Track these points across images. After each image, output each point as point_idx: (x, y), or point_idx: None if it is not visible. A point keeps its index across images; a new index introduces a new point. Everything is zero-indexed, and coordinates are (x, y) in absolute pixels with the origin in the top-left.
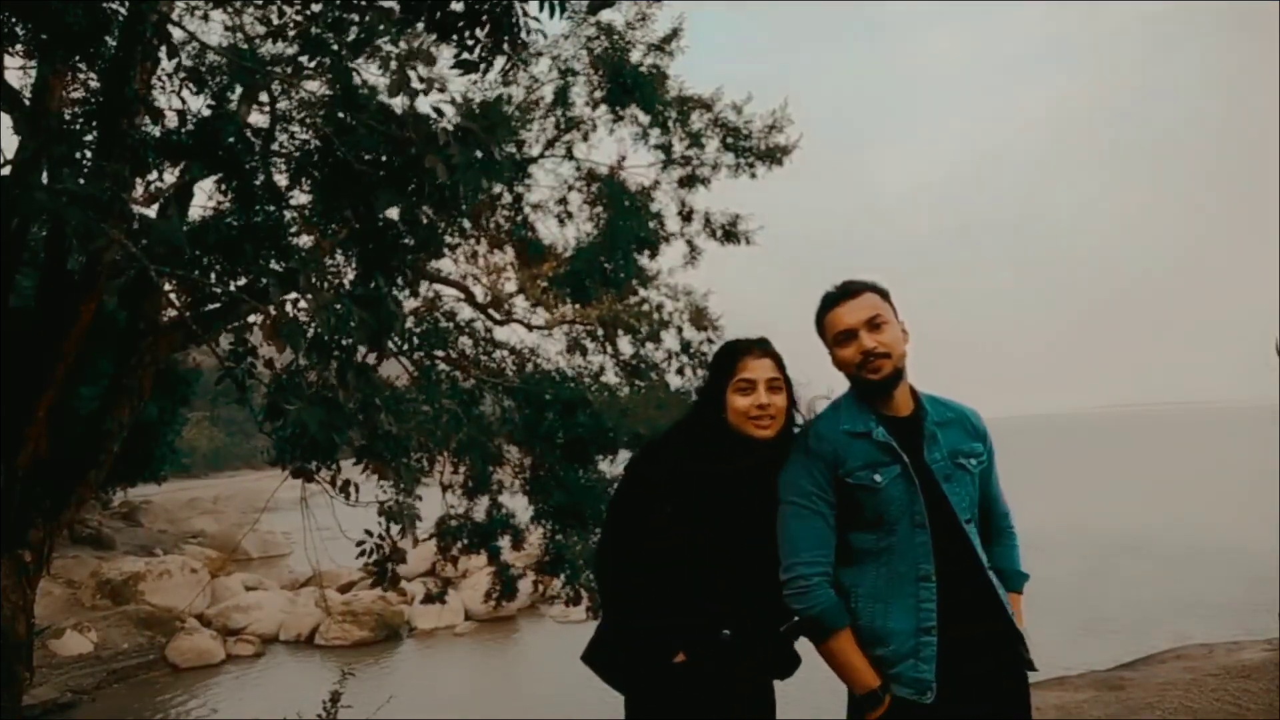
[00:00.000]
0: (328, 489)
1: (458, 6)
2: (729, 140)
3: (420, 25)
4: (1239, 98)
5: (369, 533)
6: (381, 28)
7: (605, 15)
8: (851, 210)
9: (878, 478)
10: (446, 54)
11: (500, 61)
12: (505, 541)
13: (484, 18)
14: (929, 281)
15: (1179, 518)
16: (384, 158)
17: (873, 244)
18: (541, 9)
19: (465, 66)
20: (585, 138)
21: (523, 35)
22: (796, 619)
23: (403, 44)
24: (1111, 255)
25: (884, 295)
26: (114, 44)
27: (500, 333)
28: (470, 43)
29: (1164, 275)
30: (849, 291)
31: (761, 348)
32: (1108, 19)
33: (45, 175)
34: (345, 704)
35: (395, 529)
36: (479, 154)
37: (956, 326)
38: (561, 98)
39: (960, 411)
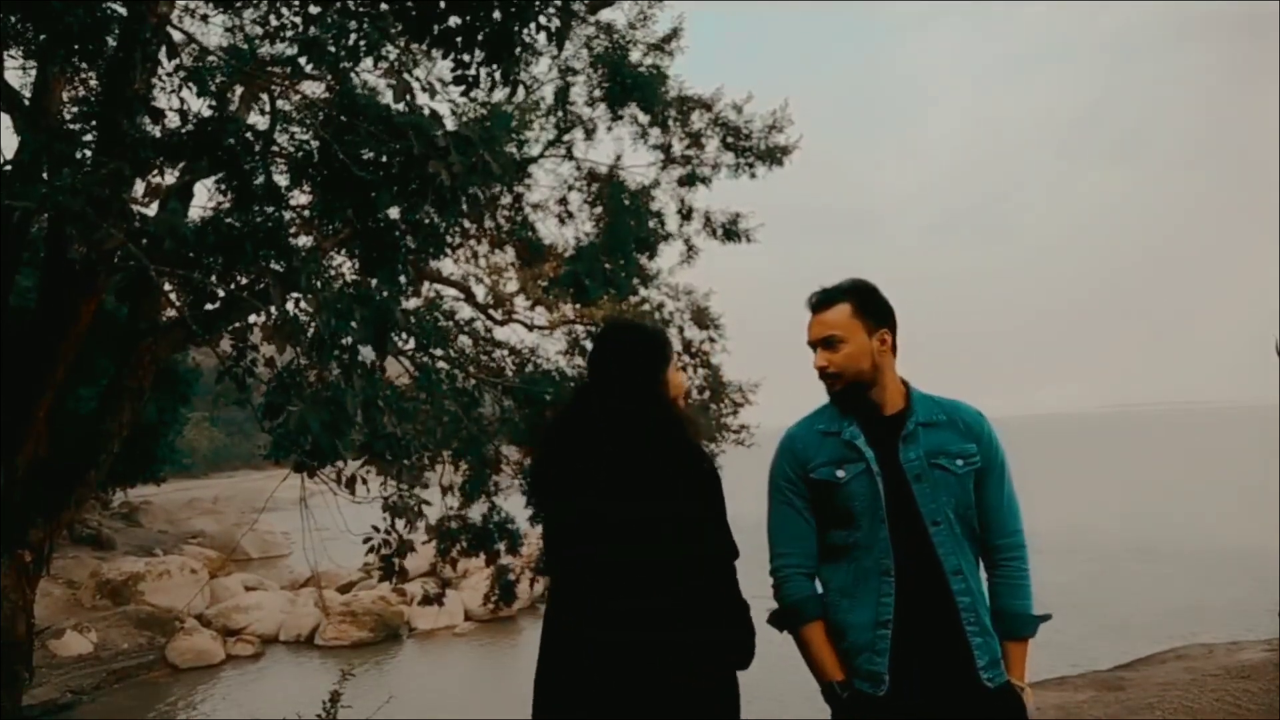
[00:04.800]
0: (331, 486)
1: (455, 22)
2: (729, 140)
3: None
4: (1240, 97)
5: (376, 528)
6: (380, 39)
7: (605, 14)
8: (848, 208)
9: (840, 474)
10: (445, 59)
11: (497, 76)
12: (501, 546)
13: (480, 37)
14: (926, 280)
15: (1180, 519)
16: (384, 160)
17: (869, 242)
18: (537, 33)
19: (463, 82)
20: (588, 136)
21: (518, 55)
22: (774, 609)
23: (401, 46)
24: (1112, 254)
25: (861, 301)
26: (114, 44)
27: (500, 332)
28: (466, 58)
29: (1165, 275)
30: (820, 302)
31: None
32: (1106, 19)
33: (45, 174)
34: (345, 704)
35: (401, 523)
36: (478, 158)
37: (955, 325)
38: (561, 97)
39: (957, 413)
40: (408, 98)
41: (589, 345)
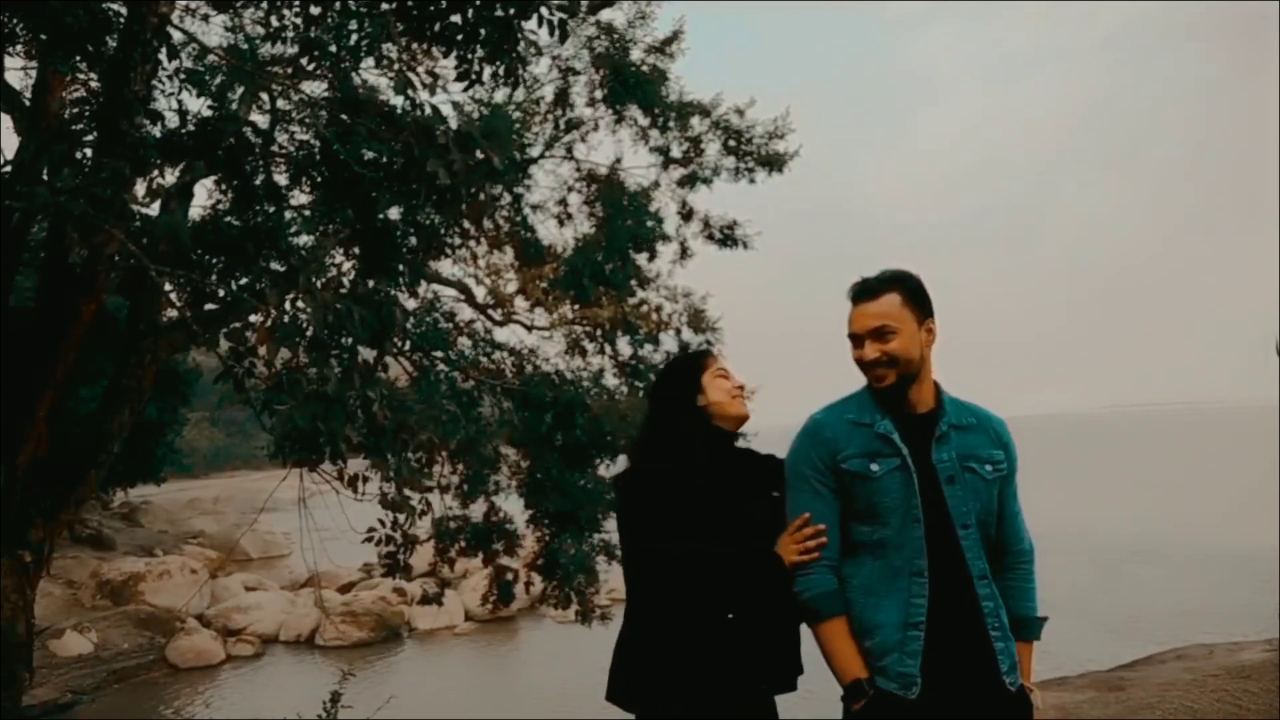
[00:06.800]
0: (333, 484)
1: (456, 19)
2: (730, 144)
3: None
4: (1240, 97)
5: (382, 522)
6: (381, 37)
7: (605, 14)
8: (845, 209)
9: (874, 467)
10: (447, 57)
11: (500, 72)
12: (499, 546)
13: (482, 33)
14: (925, 282)
15: (1181, 520)
16: (384, 159)
17: (868, 245)
18: (540, 25)
19: (466, 79)
20: (584, 138)
21: (520, 50)
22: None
23: (402, 45)
24: (1112, 254)
25: (910, 292)
26: (114, 44)
27: (500, 333)
28: (469, 55)
29: (1166, 275)
30: (869, 291)
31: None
32: (1104, 19)
33: (45, 175)
34: (345, 704)
35: (402, 519)
36: (480, 155)
37: (954, 327)
38: (562, 98)
39: (985, 418)
40: (409, 93)
41: (587, 346)
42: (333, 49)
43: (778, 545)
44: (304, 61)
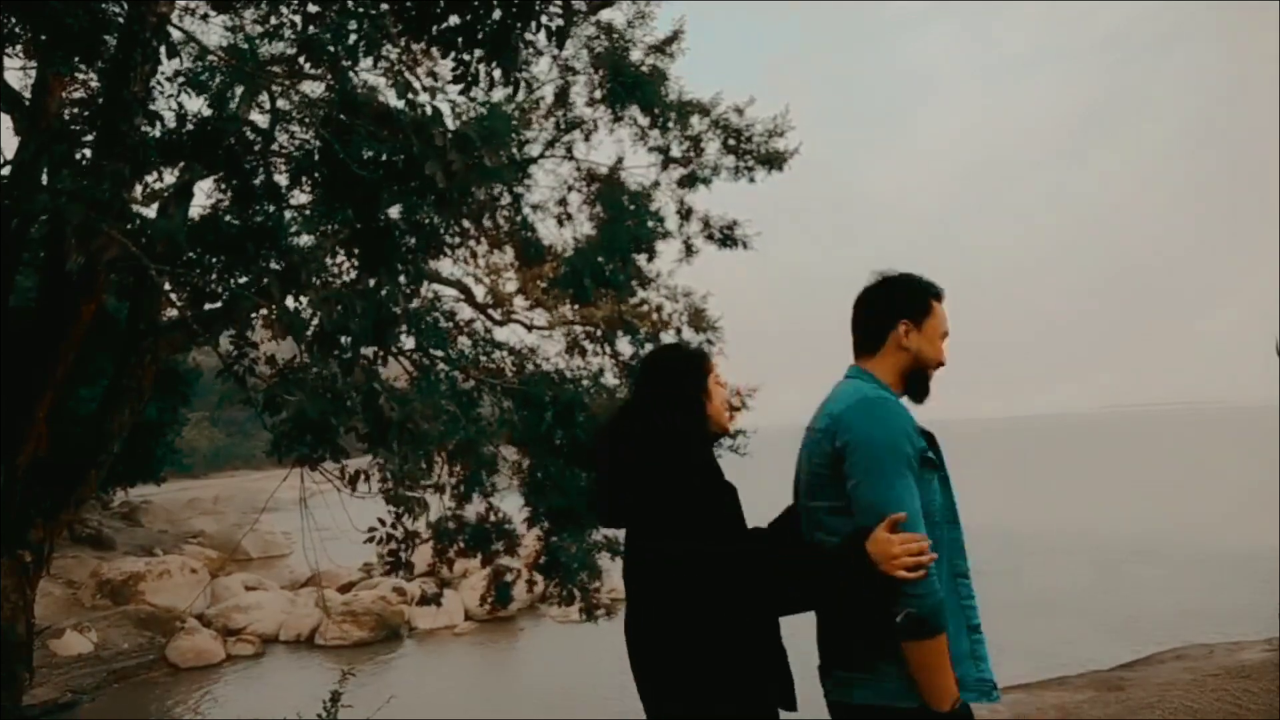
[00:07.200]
0: (335, 481)
1: (454, 20)
2: (730, 143)
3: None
4: (1238, 97)
5: (382, 521)
6: (379, 37)
7: (605, 14)
8: (845, 209)
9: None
10: (445, 58)
11: (497, 75)
12: (499, 546)
13: (480, 35)
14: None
15: (1181, 521)
16: (384, 159)
17: (866, 244)
18: (537, 31)
19: (463, 80)
20: (586, 138)
21: (519, 52)
22: (909, 611)
23: (401, 46)
24: (1112, 254)
25: None
26: (114, 44)
27: (499, 333)
28: (466, 57)
29: (1166, 276)
30: None
31: None
32: (1104, 19)
33: (45, 175)
34: (345, 704)
35: (405, 516)
36: (478, 155)
37: (954, 326)
38: (562, 98)
39: None
40: (409, 95)
41: (587, 345)
42: (331, 49)
43: (871, 544)
44: (302, 61)
